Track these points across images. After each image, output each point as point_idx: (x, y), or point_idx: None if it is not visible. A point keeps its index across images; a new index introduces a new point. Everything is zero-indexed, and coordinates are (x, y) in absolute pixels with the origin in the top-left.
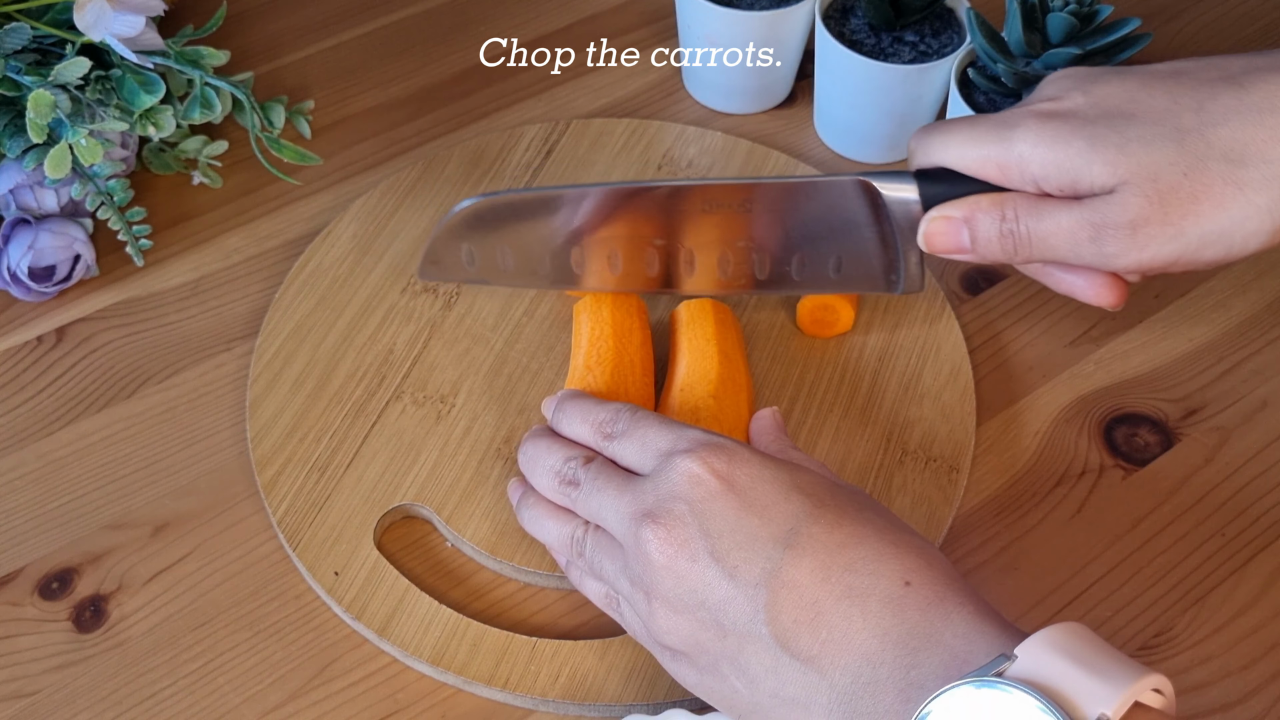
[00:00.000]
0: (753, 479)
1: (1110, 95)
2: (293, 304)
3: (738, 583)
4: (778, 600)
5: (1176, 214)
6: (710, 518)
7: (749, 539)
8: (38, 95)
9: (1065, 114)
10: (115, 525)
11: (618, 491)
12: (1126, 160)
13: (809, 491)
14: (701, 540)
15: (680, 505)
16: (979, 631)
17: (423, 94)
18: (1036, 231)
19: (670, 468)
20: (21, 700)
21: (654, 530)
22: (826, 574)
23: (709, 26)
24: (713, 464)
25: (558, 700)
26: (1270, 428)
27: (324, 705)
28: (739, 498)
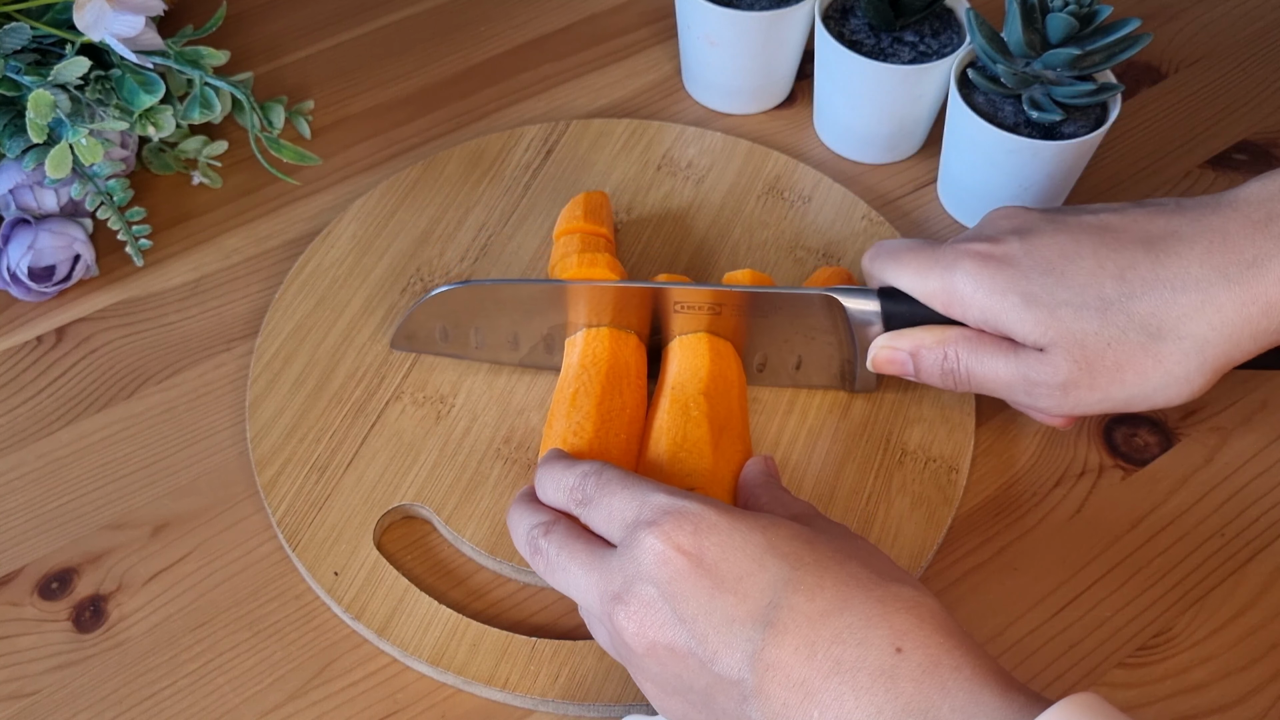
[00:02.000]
0: (723, 549)
1: (1044, 247)
2: (293, 304)
3: (720, 668)
4: (764, 685)
5: (1103, 380)
6: (682, 600)
7: (726, 621)
8: (38, 95)
9: (1001, 260)
10: (115, 525)
11: (583, 569)
12: (1056, 325)
13: (785, 553)
14: (677, 626)
15: (649, 589)
16: (977, 704)
17: (423, 94)
18: (976, 374)
19: (635, 544)
20: (21, 700)
21: (627, 617)
22: (812, 650)
23: (709, 26)
24: (678, 540)
25: (557, 700)
26: (1270, 428)
27: (324, 705)
28: (709, 575)
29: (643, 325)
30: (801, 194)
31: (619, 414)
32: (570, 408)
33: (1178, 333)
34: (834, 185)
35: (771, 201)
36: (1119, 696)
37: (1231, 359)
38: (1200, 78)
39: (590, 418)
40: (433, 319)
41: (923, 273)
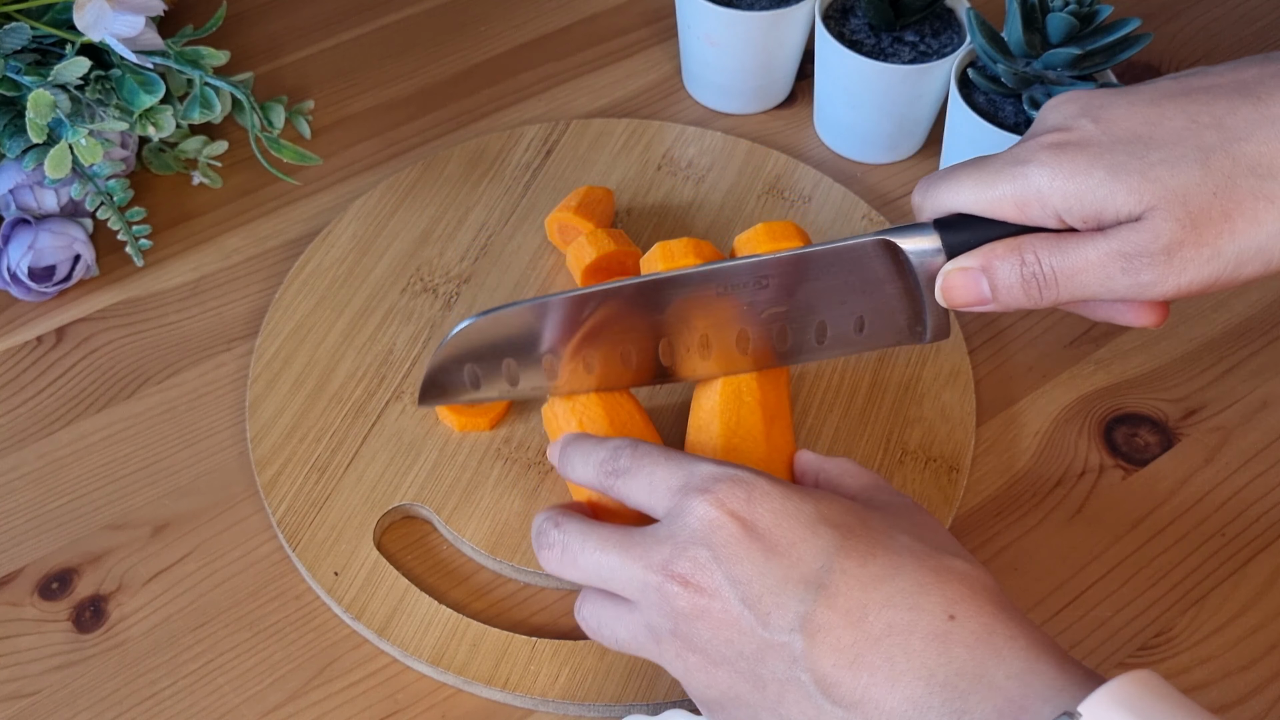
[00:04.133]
0: (775, 516)
1: (1122, 119)
2: (293, 304)
3: (772, 630)
4: (815, 645)
5: (1211, 234)
6: (735, 563)
7: (779, 583)
8: (38, 95)
9: (1079, 144)
10: (115, 525)
11: (619, 547)
12: (1152, 185)
13: (836, 522)
14: (729, 588)
15: (702, 552)
16: (1034, 671)
17: (423, 94)
18: (1062, 270)
19: (686, 511)
20: (21, 700)
21: (680, 580)
22: (864, 612)
23: (709, 26)
24: (731, 505)
25: (558, 700)
26: (1270, 428)
27: (324, 705)
28: (762, 540)
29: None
30: (801, 194)
31: (631, 421)
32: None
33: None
34: (834, 185)
35: (771, 201)
36: None
37: None
38: None
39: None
40: (458, 362)
41: (987, 182)
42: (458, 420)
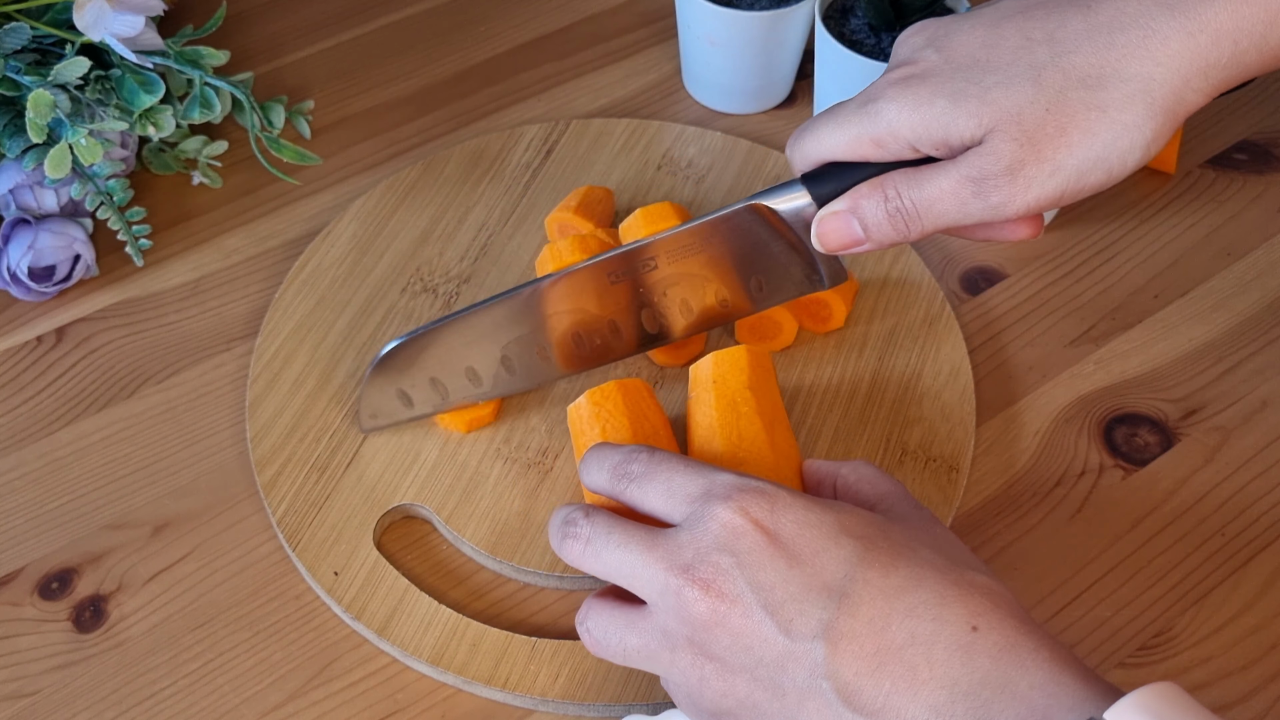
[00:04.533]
0: (798, 526)
1: (963, 46)
2: (293, 304)
3: (794, 638)
4: (838, 653)
5: (1049, 150)
6: (758, 570)
7: (801, 590)
8: (38, 95)
9: (923, 75)
10: (115, 525)
11: (643, 545)
12: (989, 108)
13: (858, 533)
14: (751, 595)
15: (725, 558)
16: (1057, 682)
17: (423, 94)
18: (920, 201)
19: (707, 517)
20: (21, 700)
21: (701, 586)
22: (886, 621)
23: (709, 26)
24: (753, 513)
25: (557, 700)
26: (1270, 428)
27: (324, 705)
28: (785, 549)
29: (587, 314)
30: None
31: (655, 437)
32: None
33: (1119, 75)
34: None
35: None
36: None
37: (1183, 99)
38: None
39: (624, 430)
40: (388, 388)
41: (843, 124)
42: (460, 421)
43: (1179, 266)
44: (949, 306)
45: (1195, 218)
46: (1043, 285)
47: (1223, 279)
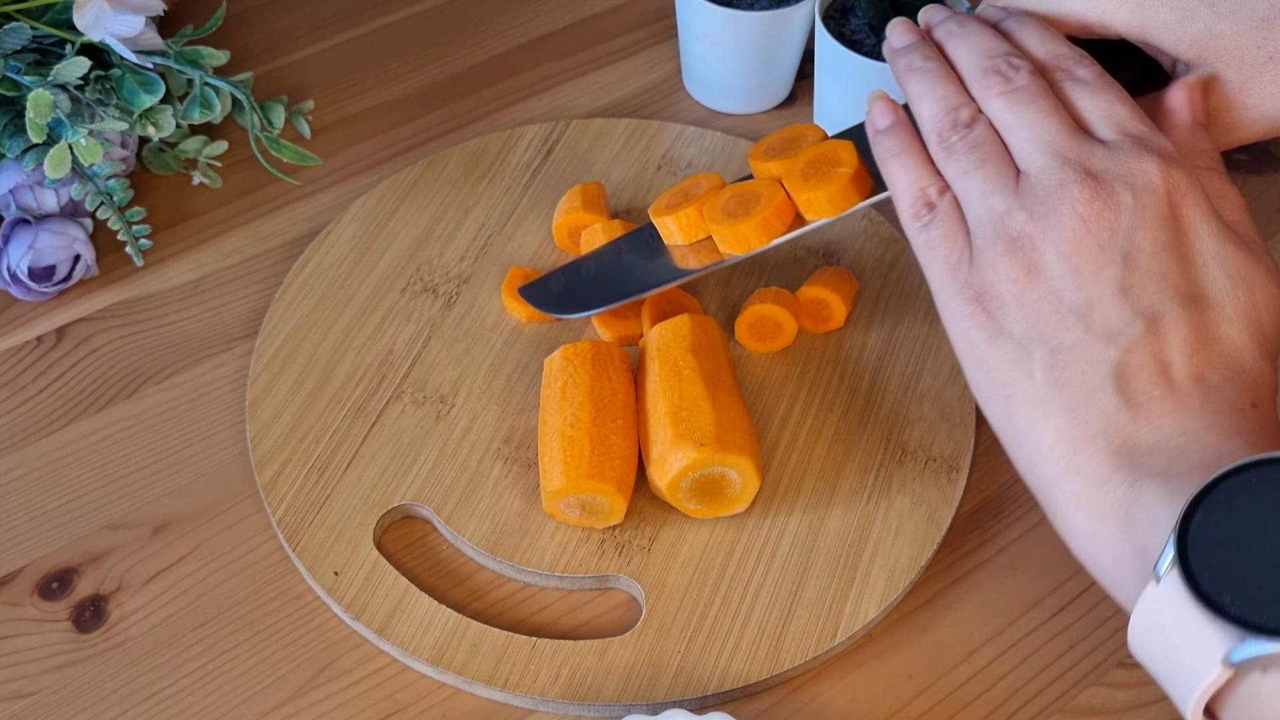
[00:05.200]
0: (1195, 224)
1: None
2: (293, 304)
3: (1123, 300)
4: (1144, 342)
5: (1257, 96)
6: (1140, 229)
7: (1159, 274)
8: (38, 95)
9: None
10: (115, 525)
11: (1064, 129)
12: (1213, 42)
13: (1237, 280)
14: (1124, 237)
15: (1125, 194)
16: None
17: (423, 94)
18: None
19: (1134, 154)
20: (21, 700)
21: (1087, 191)
22: (1190, 352)
23: (709, 26)
24: (1177, 183)
25: (557, 700)
26: None
27: (324, 705)
28: (1177, 235)
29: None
30: None
31: (611, 399)
32: (562, 400)
33: None
34: None
35: None
36: (1119, 697)
37: None
38: None
39: (584, 407)
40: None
41: (1057, 1)
42: (526, 310)
43: None
44: None
45: None
46: None
47: None
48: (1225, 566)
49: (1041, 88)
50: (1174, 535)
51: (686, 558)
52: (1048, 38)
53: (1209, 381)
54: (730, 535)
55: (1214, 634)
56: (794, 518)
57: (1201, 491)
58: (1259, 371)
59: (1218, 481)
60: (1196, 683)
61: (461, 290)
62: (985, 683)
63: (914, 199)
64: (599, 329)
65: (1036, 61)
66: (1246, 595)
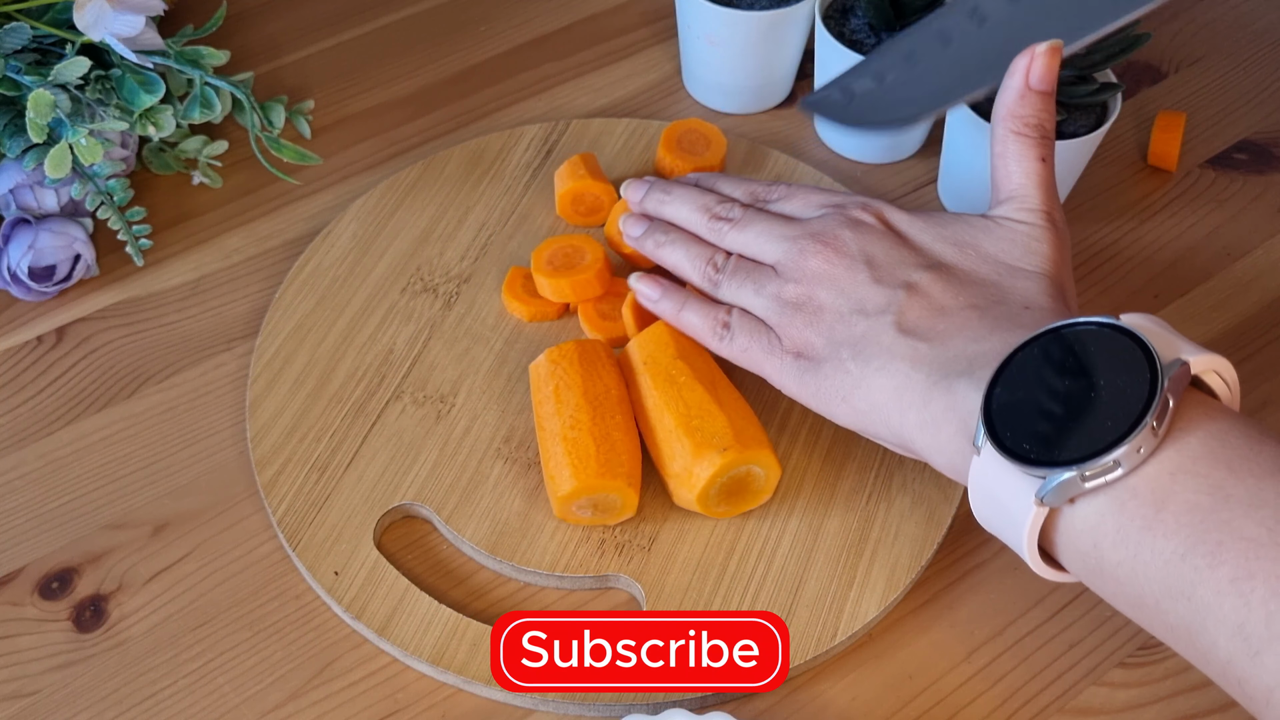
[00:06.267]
0: (910, 226)
1: None
2: (293, 304)
3: (881, 285)
4: (911, 301)
5: None
6: (869, 244)
7: (899, 260)
8: (38, 95)
9: None
10: (115, 525)
11: (783, 224)
12: None
13: (962, 245)
14: (860, 257)
15: (845, 233)
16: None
17: (423, 94)
18: None
19: (836, 211)
20: (21, 700)
21: (819, 245)
22: (958, 291)
23: (709, 26)
24: (876, 208)
25: (558, 700)
26: (1270, 427)
27: (324, 705)
28: (897, 237)
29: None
30: None
31: (606, 396)
32: (557, 403)
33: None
34: (834, 185)
35: None
36: (1119, 696)
37: None
38: (1200, 77)
39: (581, 407)
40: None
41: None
42: (527, 310)
43: (1179, 266)
44: None
45: (1195, 217)
46: None
47: (1223, 279)
48: (1021, 424)
49: (754, 210)
50: (980, 411)
51: (686, 557)
52: (737, 181)
53: (980, 305)
54: (730, 535)
55: (1024, 480)
56: (794, 518)
57: (996, 372)
58: (1022, 289)
59: (1006, 363)
60: (1022, 525)
61: (462, 290)
62: (985, 683)
63: (711, 329)
64: (587, 330)
65: (693, 218)
66: (1039, 442)
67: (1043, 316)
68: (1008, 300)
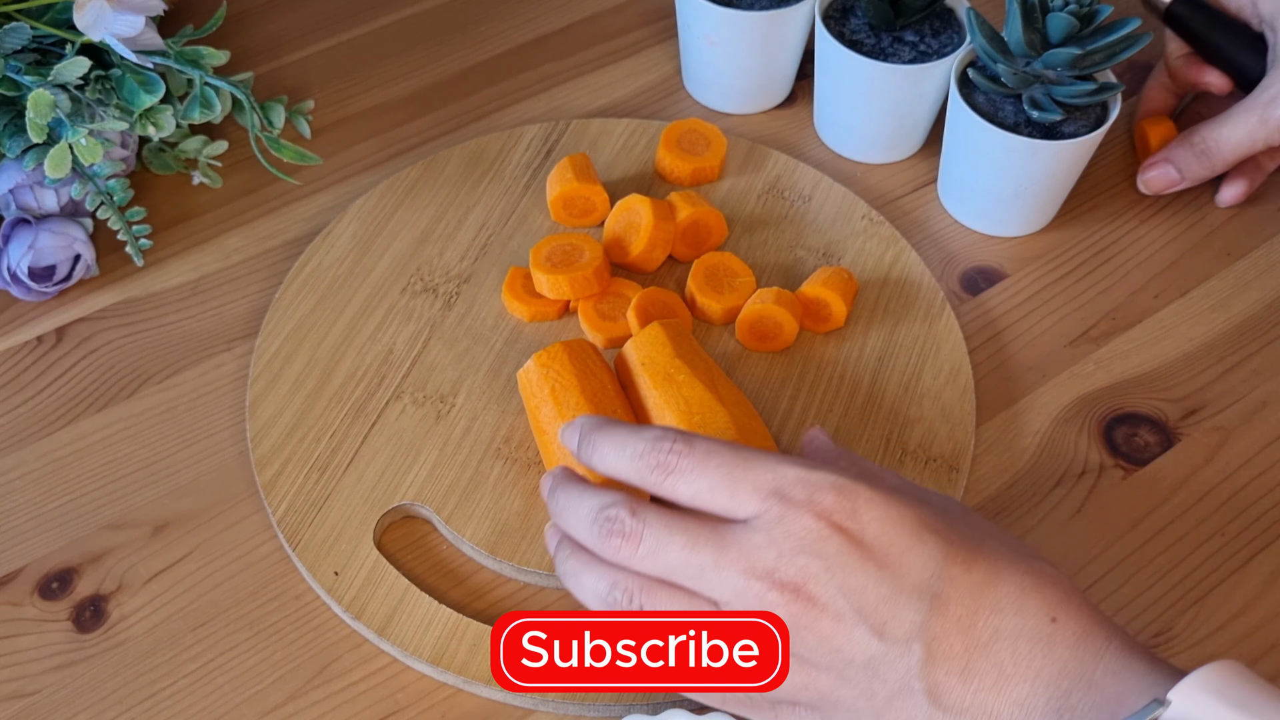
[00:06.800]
0: (882, 525)
1: None
2: (293, 304)
3: (889, 641)
4: (932, 655)
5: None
6: (847, 574)
7: (893, 593)
8: (38, 95)
9: None
10: (115, 525)
11: (713, 546)
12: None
13: (937, 529)
14: (843, 599)
15: (812, 562)
16: (1129, 669)
17: (423, 94)
18: (1220, 139)
19: (786, 519)
20: (21, 700)
21: (786, 591)
22: (974, 619)
23: (709, 26)
24: (836, 518)
25: (558, 700)
26: (1270, 428)
27: (324, 705)
28: (871, 552)
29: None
30: (801, 194)
31: (603, 393)
32: (556, 405)
33: None
34: (834, 185)
35: (771, 201)
36: None
37: None
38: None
39: (582, 407)
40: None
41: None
42: (527, 310)
43: (1179, 266)
44: (949, 306)
45: (1195, 218)
46: (1043, 285)
47: (1223, 279)
48: None
49: (664, 527)
50: None
51: None
52: (621, 445)
53: (1004, 629)
54: None
55: None
56: None
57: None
58: (1027, 573)
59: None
60: None
61: (462, 290)
62: None
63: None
64: (588, 330)
65: (624, 475)
66: None
67: (1073, 630)
68: (1025, 611)
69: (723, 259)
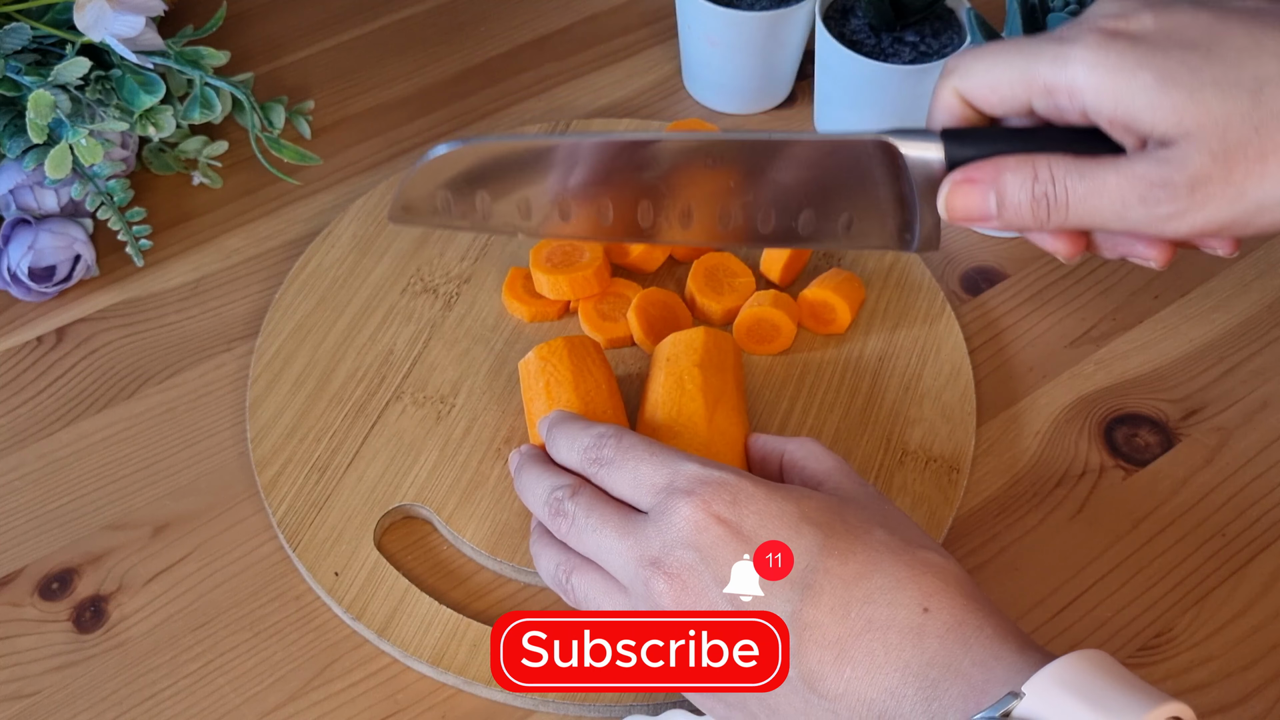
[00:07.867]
0: (760, 518)
1: (1184, 24)
2: (293, 304)
3: (761, 604)
4: (802, 643)
5: (1239, 173)
6: (721, 564)
7: (765, 583)
8: (38, 95)
9: (1132, 36)
10: (115, 525)
11: (617, 532)
12: (1196, 109)
13: (818, 521)
14: (716, 588)
15: (689, 554)
16: (997, 657)
17: (423, 94)
18: (1076, 192)
19: (670, 510)
20: (21, 700)
21: (665, 580)
22: (846, 610)
23: (709, 26)
24: (716, 509)
25: (558, 700)
26: (1270, 428)
27: (324, 706)
28: (748, 542)
29: (670, 190)
30: None
31: (597, 391)
32: (548, 400)
33: None
34: None
35: None
36: None
37: None
38: None
39: (572, 404)
40: (433, 186)
41: (1026, 55)
42: (527, 310)
43: (1179, 266)
44: (949, 306)
45: None
46: (1043, 285)
47: (1223, 279)
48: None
49: (586, 510)
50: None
51: None
52: (574, 436)
53: (877, 619)
54: None
55: None
56: None
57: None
58: (906, 564)
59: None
60: None
61: (462, 290)
62: None
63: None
64: (588, 330)
65: (573, 465)
66: None
67: (945, 620)
68: (898, 602)
69: (723, 259)
